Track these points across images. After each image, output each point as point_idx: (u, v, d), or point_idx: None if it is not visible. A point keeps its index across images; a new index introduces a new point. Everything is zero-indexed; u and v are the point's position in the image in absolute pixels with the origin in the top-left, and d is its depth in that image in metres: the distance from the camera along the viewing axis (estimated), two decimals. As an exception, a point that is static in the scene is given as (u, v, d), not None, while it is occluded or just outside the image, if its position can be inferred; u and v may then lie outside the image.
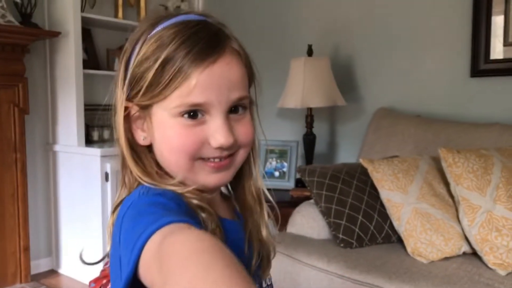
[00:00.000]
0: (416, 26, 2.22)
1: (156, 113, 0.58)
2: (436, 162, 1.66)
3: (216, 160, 0.58)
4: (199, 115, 0.56)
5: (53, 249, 2.64)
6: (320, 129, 2.44)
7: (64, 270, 2.59)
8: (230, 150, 0.59)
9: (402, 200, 1.58)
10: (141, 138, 0.60)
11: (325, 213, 1.66)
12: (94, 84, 2.60)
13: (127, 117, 0.59)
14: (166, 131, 0.57)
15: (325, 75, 2.26)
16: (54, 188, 2.60)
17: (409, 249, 1.53)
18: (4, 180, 2.30)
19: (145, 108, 0.58)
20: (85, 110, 2.48)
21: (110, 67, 2.71)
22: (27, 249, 2.38)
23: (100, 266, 0.97)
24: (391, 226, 1.64)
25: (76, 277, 2.51)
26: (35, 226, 2.51)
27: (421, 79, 2.22)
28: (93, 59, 2.64)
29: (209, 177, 0.59)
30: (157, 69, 0.55)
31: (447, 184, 1.58)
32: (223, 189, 0.68)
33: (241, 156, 0.61)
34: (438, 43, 2.16)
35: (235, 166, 0.61)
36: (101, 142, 2.64)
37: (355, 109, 2.42)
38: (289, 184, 2.28)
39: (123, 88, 0.59)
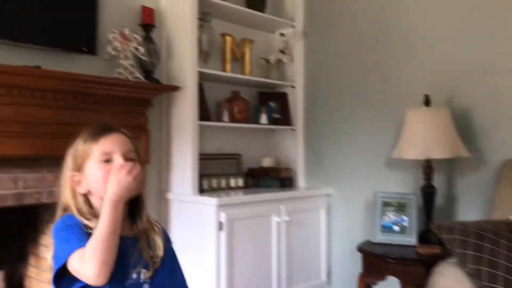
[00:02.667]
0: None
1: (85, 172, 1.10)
2: None
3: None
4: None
5: (161, 297, 2.66)
6: (436, 181, 2.35)
7: (172, 319, 2.59)
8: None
9: None
10: (81, 190, 1.10)
11: (475, 276, 1.56)
12: (203, 134, 2.69)
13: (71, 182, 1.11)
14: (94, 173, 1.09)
15: (445, 125, 2.20)
16: (166, 236, 2.65)
17: None
18: (126, 227, 2.39)
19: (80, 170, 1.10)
20: (196, 159, 2.57)
21: (219, 118, 2.81)
22: (142, 296, 2.42)
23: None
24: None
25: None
26: (147, 273, 2.56)
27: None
28: (204, 110, 2.75)
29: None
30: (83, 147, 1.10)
31: None
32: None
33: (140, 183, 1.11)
34: None
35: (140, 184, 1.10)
36: (211, 191, 2.70)
37: (475, 160, 2.31)
38: (411, 239, 2.19)
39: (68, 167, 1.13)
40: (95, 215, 1.05)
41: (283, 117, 3.14)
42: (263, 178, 3.01)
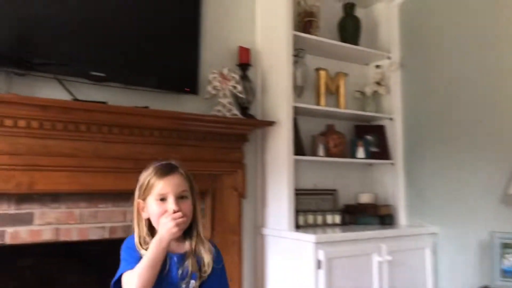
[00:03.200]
0: None
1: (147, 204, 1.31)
2: None
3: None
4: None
5: (258, 335, 2.62)
6: None
7: None
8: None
9: None
10: (144, 216, 1.31)
11: None
12: (298, 169, 2.67)
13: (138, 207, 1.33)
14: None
15: None
16: (262, 272, 2.63)
17: None
18: (225, 261, 2.41)
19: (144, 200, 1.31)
20: (292, 194, 2.54)
21: (314, 153, 2.78)
22: (240, 333, 2.40)
23: None
24: None
25: None
26: (243, 309, 2.54)
27: None
28: (298, 145, 2.74)
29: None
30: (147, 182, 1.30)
31: None
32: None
33: (186, 221, 1.29)
34: None
35: (183, 225, 1.27)
36: (307, 227, 2.65)
37: None
38: (538, 286, 1.93)
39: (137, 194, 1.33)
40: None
41: (381, 151, 3.02)
42: (361, 214, 2.89)
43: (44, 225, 2.02)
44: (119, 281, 1.24)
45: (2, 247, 1.99)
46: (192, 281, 1.25)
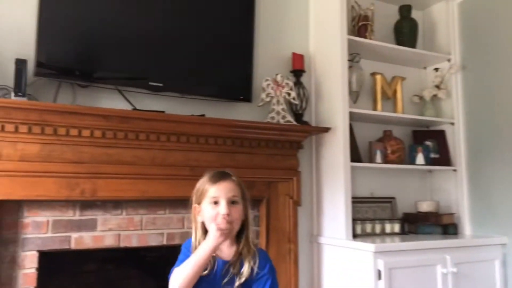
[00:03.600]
0: None
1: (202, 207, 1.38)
2: None
3: (223, 219, 1.31)
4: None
5: None
6: None
7: None
8: (228, 218, 1.32)
9: None
10: (199, 219, 1.38)
11: None
12: (354, 176, 2.59)
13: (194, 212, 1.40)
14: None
15: None
16: (319, 282, 2.58)
17: None
18: (280, 270, 2.38)
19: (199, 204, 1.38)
20: (348, 202, 2.47)
21: (371, 160, 2.70)
22: None
23: None
24: None
25: None
26: (300, 319, 2.49)
27: None
28: (354, 151, 2.67)
29: (218, 237, 1.29)
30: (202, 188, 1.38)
31: None
32: None
33: (234, 226, 1.34)
34: None
35: (232, 230, 1.33)
36: (365, 236, 2.57)
37: None
38: None
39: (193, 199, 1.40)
40: None
41: (441, 157, 2.88)
42: (421, 223, 2.77)
43: (106, 231, 2.08)
44: None
45: (68, 252, 2.07)
46: (236, 284, 1.31)
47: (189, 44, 2.30)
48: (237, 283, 1.31)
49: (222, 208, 1.32)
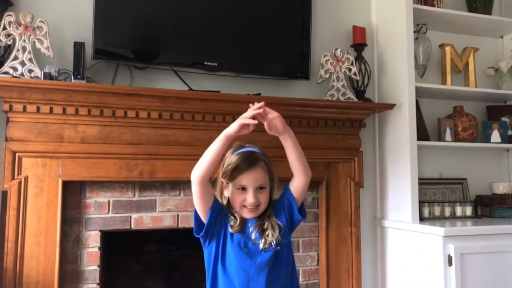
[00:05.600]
0: None
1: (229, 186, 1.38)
2: None
3: (249, 207, 1.34)
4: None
5: (379, 333, 2.46)
6: None
7: None
8: (255, 205, 1.34)
9: None
10: (226, 194, 1.41)
11: None
12: (421, 156, 2.42)
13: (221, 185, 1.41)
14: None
15: None
16: (382, 267, 2.46)
17: None
18: (341, 254, 2.29)
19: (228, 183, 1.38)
20: (415, 184, 2.31)
21: (440, 138, 2.50)
22: (360, 330, 2.27)
23: None
24: None
25: None
26: (363, 305, 2.39)
27: None
28: (421, 130, 2.49)
29: (246, 214, 1.36)
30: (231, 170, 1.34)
31: None
32: None
33: (261, 207, 1.36)
34: None
35: (258, 211, 1.36)
36: (433, 219, 2.40)
37: None
38: None
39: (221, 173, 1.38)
40: (234, 215, 1.38)
41: (521, 134, 2.62)
42: (497, 207, 2.55)
43: (165, 212, 2.09)
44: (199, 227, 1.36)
45: (129, 232, 2.10)
46: (261, 241, 1.33)
47: (243, 22, 2.23)
48: (266, 242, 1.33)
49: (250, 197, 1.32)
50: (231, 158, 1.37)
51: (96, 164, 1.93)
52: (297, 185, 1.41)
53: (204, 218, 1.34)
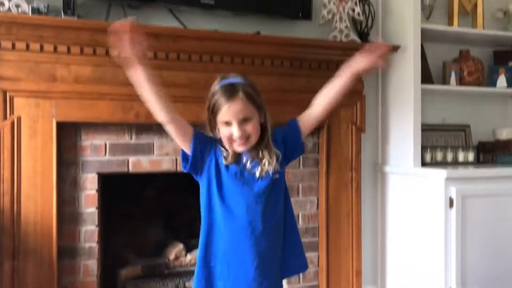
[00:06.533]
0: None
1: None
2: None
3: (238, 141, 1.28)
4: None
5: (378, 278, 2.48)
6: None
7: (390, 302, 2.40)
8: (243, 137, 1.28)
9: None
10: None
11: None
12: (424, 102, 2.36)
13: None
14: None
15: None
16: (382, 212, 2.46)
17: None
18: (341, 198, 2.28)
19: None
20: (417, 129, 2.27)
21: (446, 81, 2.43)
22: (359, 273, 2.28)
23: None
24: None
25: (404, 312, 2.28)
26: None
27: None
28: (426, 73, 2.42)
29: (237, 147, 1.30)
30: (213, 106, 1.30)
31: None
32: None
33: (252, 138, 1.29)
34: None
35: (250, 143, 1.30)
36: (435, 164, 2.37)
37: None
38: None
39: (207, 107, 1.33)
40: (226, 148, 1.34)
41: (528, 79, 2.55)
42: (499, 153, 2.51)
43: (163, 156, 2.05)
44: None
45: (127, 176, 2.08)
46: (256, 169, 1.30)
47: (242, -44, 2.11)
48: (262, 171, 1.30)
49: (235, 130, 1.26)
50: (212, 92, 1.31)
51: (90, 105, 1.87)
52: (311, 120, 1.39)
53: (188, 152, 1.31)
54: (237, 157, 1.31)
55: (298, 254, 1.39)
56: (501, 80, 2.50)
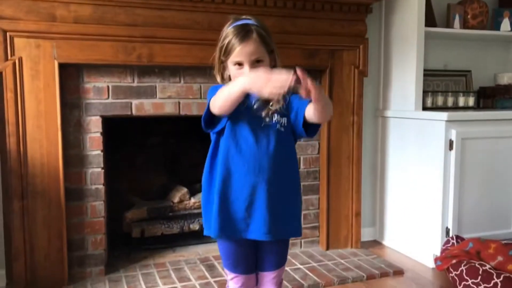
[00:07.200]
0: None
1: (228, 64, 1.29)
2: None
3: None
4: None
5: (377, 219, 2.55)
6: None
7: (387, 242, 2.48)
8: None
9: None
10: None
11: None
12: (427, 48, 2.34)
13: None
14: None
15: None
16: (382, 155, 2.49)
17: None
18: (342, 142, 2.31)
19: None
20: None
21: (449, 25, 2.40)
22: (358, 214, 2.35)
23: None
24: None
25: (400, 250, 2.36)
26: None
27: None
28: (430, 16, 2.38)
29: None
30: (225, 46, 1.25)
31: None
32: None
33: None
34: None
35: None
36: (435, 109, 2.39)
37: None
38: None
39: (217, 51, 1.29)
40: None
41: (532, 22, 2.52)
42: (500, 97, 2.53)
43: (166, 99, 2.05)
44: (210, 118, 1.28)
45: (131, 120, 2.09)
46: (276, 115, 1.29)
47: None
48: (269, 113, 1.27)
49: (247, 71, 1.25)
50: (225, 33, 1.28)
51: (91, 46, 1.85)
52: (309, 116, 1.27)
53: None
54: (245, 98, 1.31)
55: (294, 216, 1.35)
56: (505, 24, 2.48)
